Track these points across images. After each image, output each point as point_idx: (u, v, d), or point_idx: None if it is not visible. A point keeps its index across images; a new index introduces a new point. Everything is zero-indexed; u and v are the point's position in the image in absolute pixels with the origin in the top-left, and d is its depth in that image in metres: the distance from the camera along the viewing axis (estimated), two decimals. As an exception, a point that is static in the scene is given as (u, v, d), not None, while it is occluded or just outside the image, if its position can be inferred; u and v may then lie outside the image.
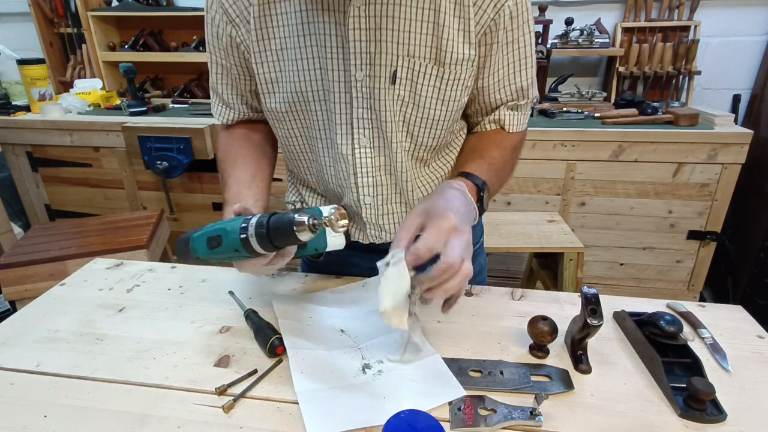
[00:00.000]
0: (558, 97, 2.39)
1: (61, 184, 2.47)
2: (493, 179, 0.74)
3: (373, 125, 0.74)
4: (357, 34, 0.67)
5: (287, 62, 0.73)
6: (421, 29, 0.68)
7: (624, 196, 2.06)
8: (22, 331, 0.75)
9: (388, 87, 0.70)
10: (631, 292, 2.22)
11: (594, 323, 0.61)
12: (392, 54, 0.68)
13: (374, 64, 0.69)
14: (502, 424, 0.56)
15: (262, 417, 0.57)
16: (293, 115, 0.77)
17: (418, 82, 0.71)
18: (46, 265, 1.60)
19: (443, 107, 0.74)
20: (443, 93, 0.72)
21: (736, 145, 1.90)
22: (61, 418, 0.57)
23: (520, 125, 0.82)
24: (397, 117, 0.73)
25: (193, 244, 0.65)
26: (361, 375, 0.64)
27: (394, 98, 0.71)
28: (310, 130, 0.78)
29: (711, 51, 2.31)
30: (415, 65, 0.69)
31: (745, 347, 0.69)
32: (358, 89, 0.71)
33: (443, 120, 0.75)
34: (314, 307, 0.78)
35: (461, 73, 0.72)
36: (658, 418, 0.57)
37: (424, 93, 0.72)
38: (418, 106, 0.73)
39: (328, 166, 0.80)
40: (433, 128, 0.75)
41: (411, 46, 0.68)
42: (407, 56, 0.69)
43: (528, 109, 0.83)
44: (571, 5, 2.37)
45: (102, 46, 2.63)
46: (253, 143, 0.86)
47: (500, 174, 0.78)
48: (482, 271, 1.01)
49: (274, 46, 0.73)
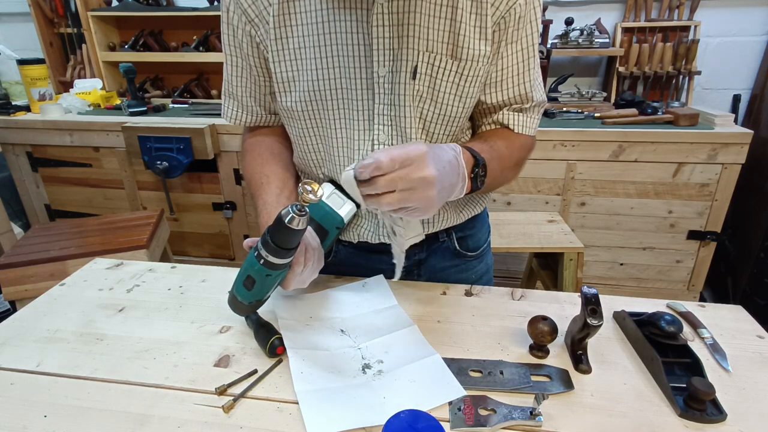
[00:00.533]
0: (558, 97, 2.39)
1: (61, 184, 2.47)
2: (494, 164, 0.73)
3: (392, 122, 0.74)
4: (380, 31, 0.67)
5: (305, 61, 0.73)
6: (439, 25, 0.68)
7: (624, 196, 2.06)
8: (22, 331, 0.75)
9: (408, 82, 0.71)
10: (631, 292, 2.22)
11: (594, 323, 0.61)
12: (414, 49, 0.69)
13: (397, 60, 0.70)
14: (502, 424, 0.56)
15: (262, 417, 0.57)
16: (309, 114, 0.77)
17: (437, 77, 0.71)
18: (46, 265, 1.60)
19: (459, 103, 0.74)
20: (460, 89, 0.73)
21: (736, 145, 1.90)
22: (61, 418, 0.57)
23: (526, 128, 0.81)
24: (415, 113, 0.74)
25: (240, 296, 0.67)
26: (361, 375, 0.64)
27: (414, 94, 0.72)
28: (325, 129, 0.78)
29: (711, 51, 2.31)
30: (434, 60, 0.70)
31: (745, 347, 0.69)
32: (380, 85, 0.71)
33: (458, 117, 0.76)
34: (314, 307, 0.78)
35: (478, 70, 0.72)
36: (658, 418, 0.57)
37: (442, 89, 0.72)
38: (435, 102, 0.73)
39: (343, 166, 0.80)
40: (448, 125, 0.76)
41: (430, 42, 0.69)
42: (426, 51, 0.69)
43: (535, 113, 0.82)
44: (571, 5, 2.37)
45: (102, 46, 2.63)
46: (274, 155, 0.86)
47: (502, 161, 0.76)
48: (489, 271, 1.01)
49: (292, 45, 0.73)
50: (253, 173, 0.84)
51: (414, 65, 0.70)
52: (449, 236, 0.90)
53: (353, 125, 0.75)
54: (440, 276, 0.91)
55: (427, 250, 0.90)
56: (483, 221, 0.96)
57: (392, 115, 0.74)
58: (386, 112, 0.74)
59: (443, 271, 0.92)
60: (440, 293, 0.83)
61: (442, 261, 0.91)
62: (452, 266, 0.92)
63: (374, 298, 0.81)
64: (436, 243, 0.90)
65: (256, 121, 0.87)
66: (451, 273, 0.92)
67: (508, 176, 0.82)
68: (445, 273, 0.92)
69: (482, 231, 0.96)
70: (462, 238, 0.91)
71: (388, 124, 0.74)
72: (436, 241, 0.90)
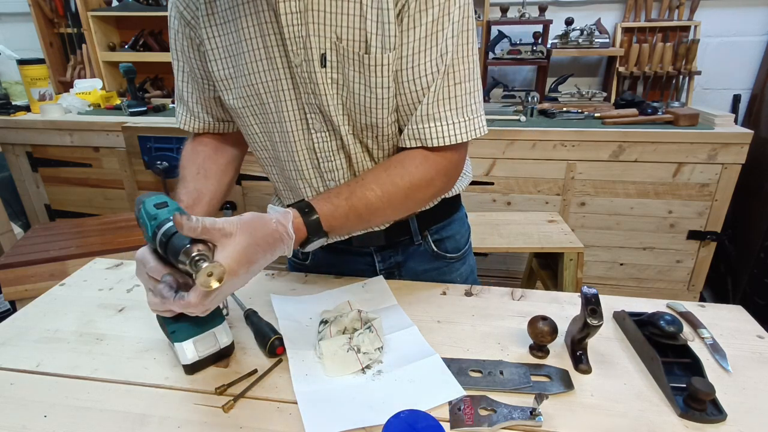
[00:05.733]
0: (558, 97, 2.39)
1: (61, 184, 2.47)
2: (344, 223, 0.70)
3: (320, 110, 0.73)
4: (289, 19, 0.66)
5: (238, 57, 0.73)
6: (345, 10, 0.65)
7: (624, 196, 2.06)
8: (22, 331, 0.75)
9: (319, 70, 0.69)
10: (631, 292, 2.22)
11: (594, 323, 0.61)
12: (321, 36, 0.67)
13: (307, 48, 0.68)
14: (502, 424, 0.56)
15: (262, 417, 0.57)
16: (250, 110, 0.77)
17: (346, 66, 0.69)
18: (46, 265, 1.60)
19: (371, 94, 0.69)
20: (369, 79, 0.68)
21: (736, 145, 1.90)
22: (61, 418, 0.57)
23: (446, 137, 0.71)
24: (335, 100, 0.72)
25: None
26: (361, 375, 0.64)
27: (329, 81, 0.70)
28: (266, 125, 0.78)
29: (711, 51, 2.31)
30: (341, 49, 0.68)
31: (745, 347, 0.69)
32: (299, 74, 0.71)
33: (375, 108, 0.70)
34: (314, 307, 0.78)
35: (385, 59, 0.66)
36: (658, 418, 0.57)
37: (352, 78, 0.69)
38: (349, 91, 0.71)
39: (285, 160, 0.79)
40: (369, 115, 0.71)
41: (340, 28, 0.67)
42: (335, 38, 0.67)
43: (455, 118, 0.71)
44: (571, 5, 2.37)
45: (102, 46, 2.63)
46: (213, 161, 0.84)
47: (362, 218, 0.72)
48: (473, 272, 1.00)
49: (224, 43, 0.73)
50: (183, 169, 0.83)
51: (322, 53, 0.68)
52: (425, 239, 0.89)
53: (288, 116, 0.74)
54: (422, 278, 0.90)
55: (403, 252, 0.90)
56: (461, 222, 0.95)
57: (317, 104, 0.72)
58: (312, 101, 0.72)
59: (424, 273, 0.91)
60: (440, 293, 0.83)
61: (421, 264, 0.91)
62: (433, 269, 0.92)
63: (374, 299, 0.81)
64: (412, 246, 0.89)
65: (204, 128, 0.86)
66: (433, 275, 0.92)
67: (378, 220, 0.77)
68: (426, 275, 0.91)
69: (461, 233, 0.94)
70: (439, 240, 0.90)
71: (318, 112, 0.73)
72: (412, 244, 0.89)
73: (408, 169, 0.72)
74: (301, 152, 0.77)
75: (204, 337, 0.64)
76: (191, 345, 0.63)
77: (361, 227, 0.76)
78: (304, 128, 0.75)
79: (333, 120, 0.73)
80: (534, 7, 2.33)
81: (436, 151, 0.73)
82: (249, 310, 0.75)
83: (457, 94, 0.70)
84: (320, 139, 0.76)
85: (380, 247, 0.89)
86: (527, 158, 2.06)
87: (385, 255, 0.90)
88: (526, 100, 2.25)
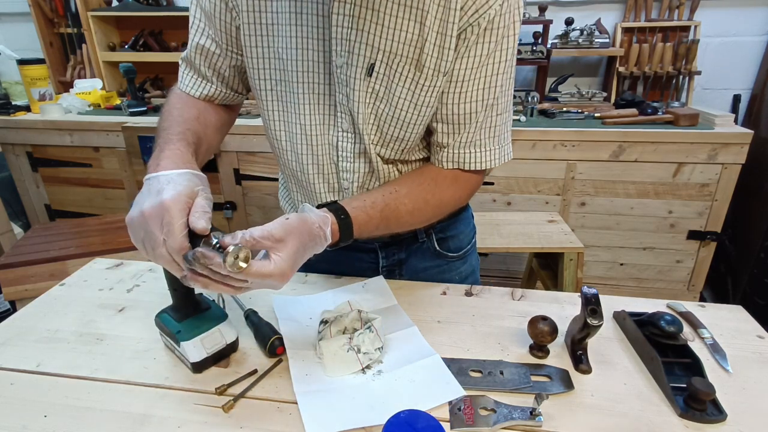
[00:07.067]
0: (558, 97, 2.39)
1: (61, 184, 2.47)
2: (372, 231, 0.72)
3: (350, 112, 0.73)
4: (339, 19, 0.66)
5: (276, 38, 0.72)
6: (404, 27, 0.66)
7: (624, 196, 2.06)
8: (22, 331, 0.75)
9: (363, 78, 0.69)
10: (631, 292, 2.22)
11: (594, 323, 0.61)
12: (371, 45, 0.67)
13: (352, 53, 0.68)
14: (502, 424, 0.56)
15: (262, 417, 0.57)
16: (276, 95, 0.76)
17: (394, 81, 0.69)
18: (46, 265, 1.60)
19: (415, 111, 0.71)
20: (417, 97, 0.70)
21: (736, 145, 1.90)
22: (61, 418, 0.57)
23: (481, 162, 0.76)
24: (369, 110, 0.72)
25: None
26: (361, 375, 0.64)
27: (369, 91, 0.70)
28: (290, 115, 0.77)
29: (711, 51, 2.31)
30: (394, 63, 0.68)
31: (745, 347, 0.69)
32: (337, 75, 0.70)
33: (413, 123, 0.73)
34: (314, 307, 0.78)
35: (438, 81, 0.69)
36: (658, 418, 0.57)
37: (398, 93, 0.70)
38: (390, 105, 0.71)
39: (303, 154, 0.78)
40: (403, 128, 0.74)
41: (393, 42, 0.67)
42: (387, 51, 0.67)
43: (494, 144, 0.76)
44: (571, 5, 2.37)
45: (102, 46, 2.63)
46: (211, 114, 0.80)
47: (389, 228, 0.74)
48: (474, 272, 1.00)
49: (265, 20, 0.71)
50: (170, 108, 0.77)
51: (371, 62, 0.68)
52: (429, 237, 0.90)
53: (316, 110, 0.74)
54: (422, 276, 0.91)
55: (406, 250, 0.90)
56: (466, 222, 0.95)
57: (349, 106, 0.72)
58: (345, 103, 0.72)
59: (425, 271, 0.92)
60: (440, 293, 0.83)
61: (423, 261, 0.91)
62: (434, 267, 0.92)
63: (374, 299, 0.81)
64: (416, 243, 0.90)
65: (212, 94, 0.81)
66: (433, 273, 0.92)
67: (403, 226, 0.78)
68: (427, 273, 0.92)
69: (465, 232, 0.95)
70: (443, 239, 0.91)
71: (348, 113, 0.73)
72: (416, 242, 0.90)
73: (440, 188, 0.78)
74: (323, 146, 0.77)
75: (210, 334, 0.65)
76: (199, 342, 0.63)
77: (383, 233, 0.77)
78: (330, 124, 0.75)
79: (359, 127, 0.73)
80: (534, 7, 2.33)
81: (467, 172, 0.78)
82: (249, 310, 0.75)
83: (497, 123, 0.75)
84: (345, 139, 0.76)
85: (385, 244, 0.89)
86: (527, 158, 2.06)
87: (389, 252, 0.90)
88: (526, 100, 2.25)
